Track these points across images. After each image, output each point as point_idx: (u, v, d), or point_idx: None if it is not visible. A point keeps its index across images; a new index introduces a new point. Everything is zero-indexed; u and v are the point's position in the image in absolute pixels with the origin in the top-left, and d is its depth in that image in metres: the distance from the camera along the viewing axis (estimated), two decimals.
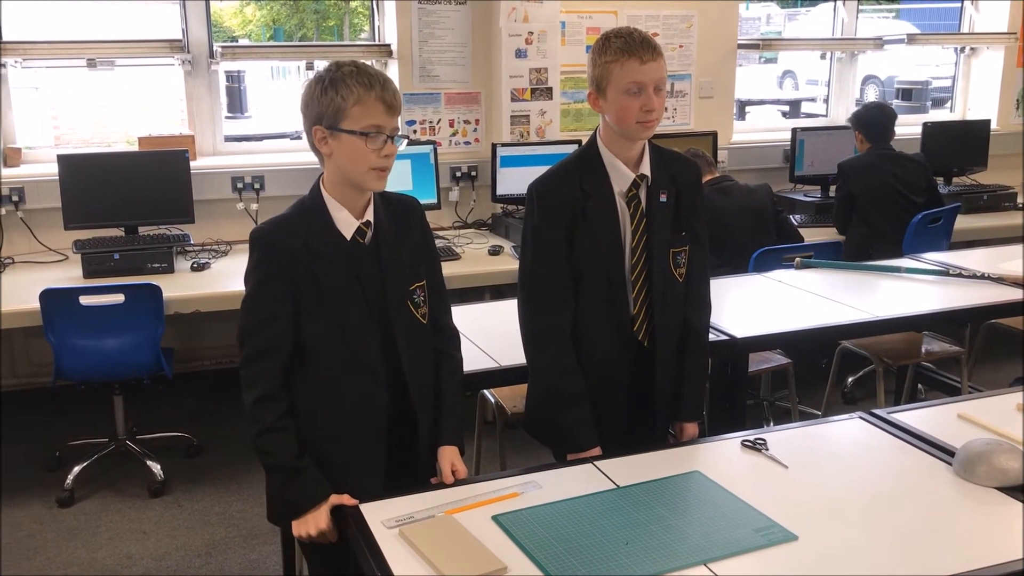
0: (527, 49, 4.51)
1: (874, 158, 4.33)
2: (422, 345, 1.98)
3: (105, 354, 3.40)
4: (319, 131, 1.83)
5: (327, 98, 1.80)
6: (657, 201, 2.15)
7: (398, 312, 1.92)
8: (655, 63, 2.03)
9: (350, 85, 1.79)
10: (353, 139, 1.80)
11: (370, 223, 1.91)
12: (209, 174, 4.28)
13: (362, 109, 1.80)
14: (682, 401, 2.24)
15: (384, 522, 1.72)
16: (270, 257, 1.86)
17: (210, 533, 3.33)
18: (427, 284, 1.99)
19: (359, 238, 1.89)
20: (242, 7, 17.64)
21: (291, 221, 1.90)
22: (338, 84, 1.80)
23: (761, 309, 3.06)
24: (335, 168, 1.87)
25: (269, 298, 1.86)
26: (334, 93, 1.80)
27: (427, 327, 2.00)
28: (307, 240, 1.86)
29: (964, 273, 3.32)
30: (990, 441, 1.92)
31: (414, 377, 1.94)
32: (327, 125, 1.82)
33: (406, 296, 1.94)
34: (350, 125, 1.80)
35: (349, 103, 1.79)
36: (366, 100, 1.80)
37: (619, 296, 2.16)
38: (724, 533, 1.68)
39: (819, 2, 14.10)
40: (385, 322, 1.91)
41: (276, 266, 1.86)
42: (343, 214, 1.89)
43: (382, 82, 1.82)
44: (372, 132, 1.81)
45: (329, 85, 1.80)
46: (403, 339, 1.92)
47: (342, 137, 1.81)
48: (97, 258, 3.70)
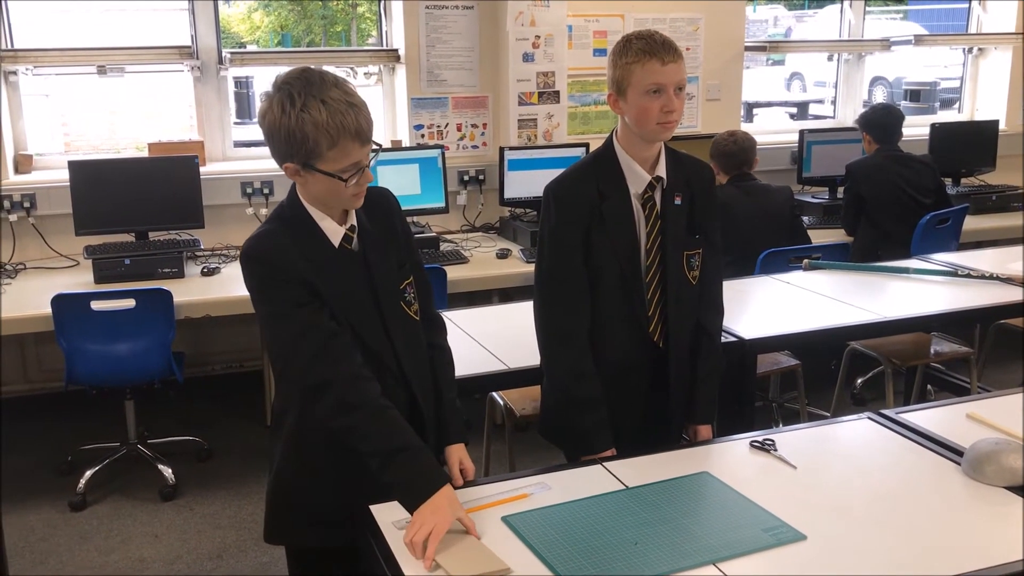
0: (534, 53, 4.52)
1: (882, 159, 4.33)
2: (418, 342, 1.96)
3: (116, 359, 3.42)
4: (291, 168, 1.74)
5: (297, 138, 1.68)
6: (672, 204, 2.16)
7: (393, 313, 1.89)
8: (676, 64, 2.03)
9: (321, 125, 1.66)
10: (330, 178, 1.72)
11: (355, 227, 1.86)
12: (219, 179, 4.31)
13: (338, 152, 1.70)
14: (696, 404, 2.25)
15: (395, 523, 1.73)
16: (271, 267, 1.79)
17: (221, 536, 3.34)
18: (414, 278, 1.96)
19: (346, 244, 1.85)
20: (250, 13, 17.71)
21: (279, 234, 1.80)
22: (306, 122, 1.66)
23: (770, 310, 3.07)
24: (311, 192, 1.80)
25: (293, 298, 1.77)
26: (303, 132, 1.67)
27: (419, 324, 1.97)
28: (300, 252, 1.79)
29: (973, 274, 3.31)
30: (999, 441, 1.91)
31: (415, 375, 1.92)
32: (300, 163, 1.72)
33: (398, 296, 1.91)
34: (326, 167, 1.71)
35: (323, 146, 1.68)
36: (341, 141, 1.69)
37: (635, 297, 2.17)
38: (733, 533, 1.68)
39: (826, 4, 14.09)
40: (384, 325, 1.88)
41: (281, 273, 1.78)
42: (327, 223, 1.82)
43: (356, 110, 1.69)
44: (350, 171, 1.73)
45: (296, 122, 1.67)
46: (400, 339, 1.90)
47: (317, 175, 1.73)
48: (108, 263, 3.73)
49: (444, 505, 1.68)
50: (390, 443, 1.74)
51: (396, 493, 1.75)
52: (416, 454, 1.75)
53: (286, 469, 1.94)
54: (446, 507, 1.68)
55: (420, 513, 1.67)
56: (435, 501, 1.68)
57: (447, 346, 2.06)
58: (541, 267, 2.19)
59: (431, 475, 1.73)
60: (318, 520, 1.92)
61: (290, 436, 1.91)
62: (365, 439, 1.75)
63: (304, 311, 1.78)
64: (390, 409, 1.78)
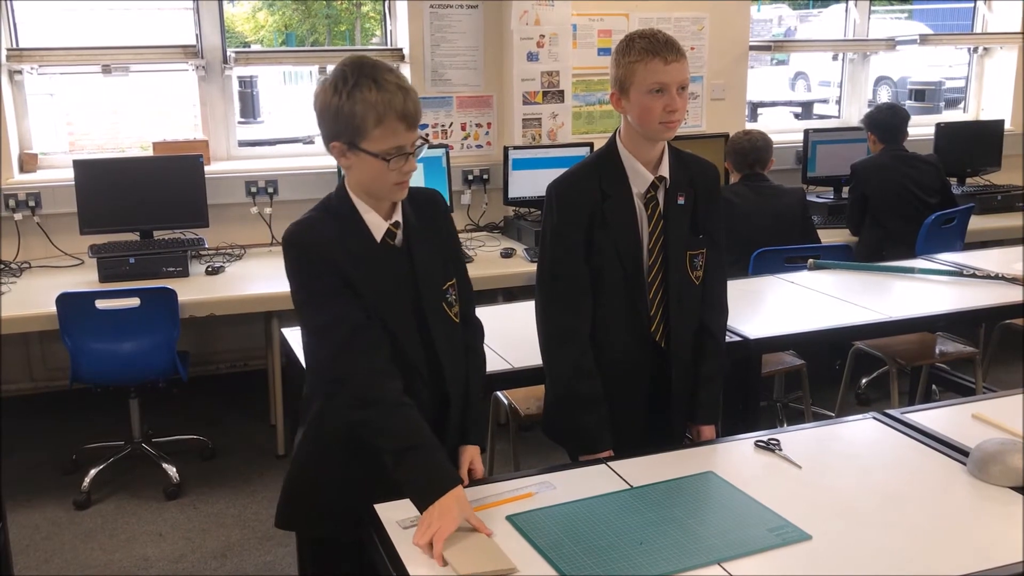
0: (539, 52, 4.52)
1: (887, 159, 4.32)
2: (456, 344, 1.95)
3: (121, 357, 3.43)
4: (337, 147, 1.77)
5: (344, 114, 1.72)
6: (675, 203, 2.16)
7: (434, 314, 1.89)
8: (679, 64, 2.04)
9: (370, 102, 1.70)
10: (374, 160, 1.75)
11: (399, 223, 1.87)
12: (223, 179, 4.31)
13: (383, 131, 1.72)
14: (699, 405, 2.25)
15: (400, 522, 1.73)
16: (310, 254, 1.80)
17: (225, 535, 3.35)
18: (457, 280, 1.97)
19: (389, 240, 1.85)
20: (254, 12, 17.73)
21: (321, 222, 1.83)
22: (356, 100, 1.70)
23: (774, 310, 3.06)
24: (355, 178, 1.83)
25: (330, 286, 1.78)
26: (352, 109, 1.71)
27: (459, 326, 1.97)
28: (341, 242, 1.81)
29: (978, 274, 3.31)
30: (1004, 441, 1.91)
31: (452, 377, 1.92)
32: (346, 142, 1.75)
33: (440, 296, 1.91)
34: (370, 147, 1.73)
35: (369, 124, 1.71)
36: (387, 121, 1.71)
37: (637, 297, 2.17)
38: (738, 533, 1.68)
39: (831, 3, 14.07)
40: (422, 323, 1.87)
41: (320, 261, 1.79)
42: (372, 216, 1.83)
43: (403, 93, 1.72)
44: (393, 155, 1.75)
45: (347, 100, 1.71)
46: (441, 340, 1.89)
47: (362, 155, 1.75)
48: (113, 262, 3.73)
49: (453, 506, 1.68)
50: (404, 440, 1.74)
51: (407, 491, 1.75)
52: (430, 453, 1.75)
53: (304, 457, 1.97)
54: (455, 508, 1.68)
55: (429, 514, 1.68)
56: (444, 502, 1.68)
57: (482, 350, 2.06)
58: (543, 266, 2.19)
59: (443, 475, 1.73)
60: (330, 511, 1.93)
61: (312, 425, 1.94)
62: (380, 434, 1.76)
63: (336, 301, 1.79)
64: (408, 406, 1.78)
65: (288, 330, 2.85)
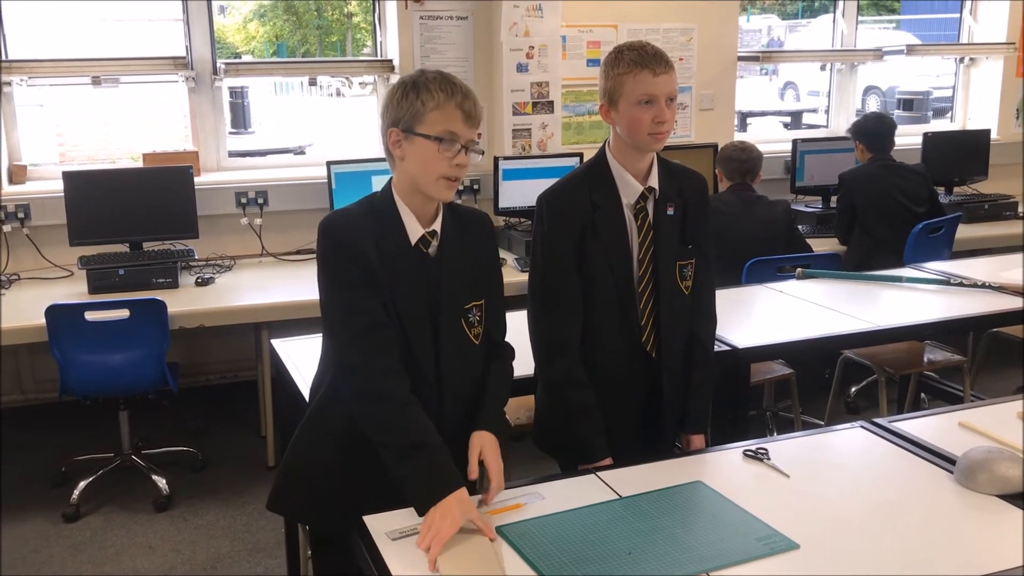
0: (528, 63, 4.54)
1: (875, 168, 4.35)
2: (470, 365, 1.95)
3: (110, 369, 3.42)
4: (394, 133, 1.82)
5: (407, 101, 1.80)
6: (664, 214, 2.17)
7: (450, 328, 1.89)
8: (667, 75, 2.05)
9: (432, 90, 1.79)
10: (427, 144, 1.79)
11: (436, 233, 1.88)
12: (213, 190, 4.31)
13: (440, 115, 1.78)
14: (689, 413, 2.25)
15: (388, 533, 1.73)
16: (346, 242, 1.82)
17: (215, 547, 3.33)
18: (487, 304, 1.96)
19: (422, 247, 1.87)
20: (245, 24, 17.75)
21: (361, 217, 1.86)
22: (420, 89, 1.79)
23: (763, 319, 3.08)
24: (405, 174, 1.85)
25: (355, 278, 1.81)
26: (415, 97, 1.79)
27: (478, 348, 1.96)
28: (375, 238, 1.83)
29: (965, 282, 3.33)
30: (991, 449, 1.92)
31: (451, 395, 1.91)
32: (403, 128, 1.81)
33: (460, 313, 1.91)
34: (425, 129, 1.79)
35: (428, 108, 1.78)
36: (446, 106, 1.78)
37: (627, 307, 2.18)
38: (726, 542, 1.69)
39: (819, 14, 14.16)
40: (435, 335, 1.88)
41: (350, 254, 1.81)
42: (411, 219, 1.86)
43: (464, 91, 1.81)
44: (447, 138, 1.79)
45: (411, 89, 1.80)
46: (449, 356, 1.89)
47: (416, 140, 1.80)
48: (102, 274, 3.72)
49: (454, 507, 1.69)
50: (409, 438, 1.76)
51: (408, 490, 1.75)
52: (434, 452, 1.76)
53: (303, 442, 2.00)
54: (455, 510, 1.68)
55: (431, 515, 1.68)
56: (446, 503, 1.69)
57: (511, 364, 2.05)
58: (534, 276, 2.20)
59: (446, 476, 1.74)
60: (322, 500, 1.94)
61: (316, 410, 1.97)
62: (384, 430, 1.78)
63: (358, 293, 1.81)
64: (415, 404, 1.80)
65: (278, 341, 2.85)
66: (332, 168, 4.20)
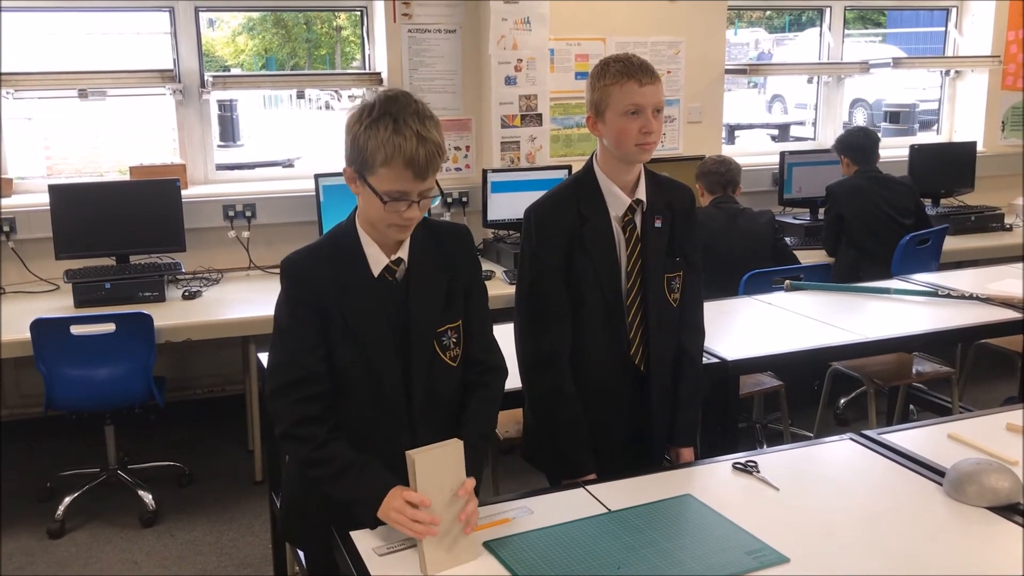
0: (517, 76, 4.55)
1: (862, 181, 4.36)
2: (445, 389, 1.92)
3: (96, 384, 3.39)
4: (348, 171, 1.78)
5: (359, 144, 1.72)
6: (652, 226, 2.17)
7: (421, 353, 1.86)
8: (653, 86, 2.06)
9: (381, 139, 1.69)
10: (374, 196, 1.74)
11: (401, 260, 1.85)
12: (200, 202, 4.29)
13: (388, 172, 1.71)
14: (677, 427, 2.25)
15: (375, 549, 1.72)
16: (299, 287, 1.81)
17: (202, 563, 3.30)
18: (468, 320, 1.93)
19: (388, 275, 1.84)
20: (234, 37, 17.75)
21: (322, 251, 1.85)
22: (371, 134, 1.70)
23: (752, 332, 3.07)
24: (361, 207, 1.83)
25: (301, 328, 1.81)
26: (366, 140, 1.71)
27: (455, 371, 1.92)
28: (336, 273, 1.81)
29: (953, 294, 3.33)
30: (980, 461, 1.92)
31: (424, 420, 1.88)
32: (356, 170, 1.76)
33: (433, 337, 1.88)
34: (375, 183, 1.73)
35: (377, 160, 1.71)
36: (394, 163, 1.70)
37: (616, 320, 2.17)
38: (716, 556, 1.68)
39: (806, 27, 14.25)
40: (406, 364, 1.86)
41: (306, 297, 1.80)
42: (373, 249, 1.83)
43: (419, 137, 1.70)
44: (395, 197, 1.73)
45: (363, 131, 1.71)
46: (420, 381, 1.87)
47: (366, 188, 1.75)
48: (88, 287, 3.70)
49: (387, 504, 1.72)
50: (333, 466, 1.80)
51: (356, 510, 1.78)
52: (359, 468, 1.79)
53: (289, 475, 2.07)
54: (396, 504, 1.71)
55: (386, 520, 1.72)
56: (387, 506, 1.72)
57: (495, 386, 1.99)
58: (522, 290, 2.20)
59: (376, 483, 1.76)
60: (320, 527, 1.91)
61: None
62: (310, 467, 1.83)
63: (299, 344, 1.82)
64: (333, 440, 1.82)
65: (265, 355, 2.83)
66: (320, 181, 4.19)
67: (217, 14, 14.87)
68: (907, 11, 13.18)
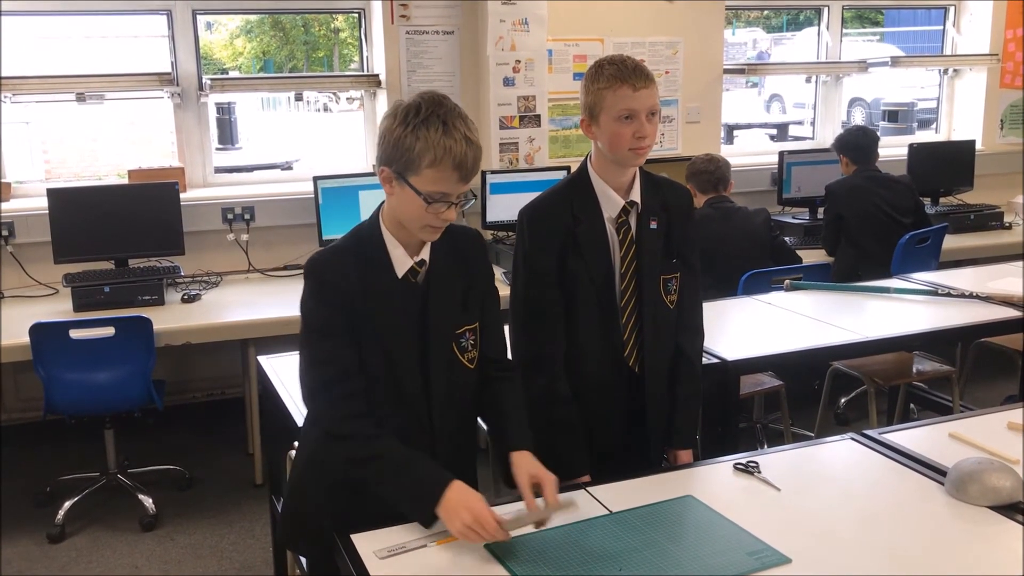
0: (515, 77, 4.54)
1: (861, 180, 4.36)
2: (462, 390, 1.93)
3: (96, 387, 3.39)
4: (386, 172, 1.77)
5: (404, 145, 1.71)
6: (647, 228, 2.16)
7: (439, 355, 1.87)
8: (647, 90, 2.04)
9: (431, 141, 1.69)
10: (416, 197, 1.74)
11: (424, 262, 1.86)
12: (199, 206, 4.29)
13: (435, 173, 1.71)
14: (675, 429, 2.24)
15: (376, 552, 1.71)
16: (325, 287, 1.81)
17: (203, 567, 3.30)
18: (484, 322, 1.94)
19: (411, 276, 1.85)
20: (232, 39, 17.74)
21: (346, 253, 1.84)
22: (420, 135, 1.70)
23: (752, 331, 3.07)
24: (394, 208, 1.83)
25: (334, 326, 1.80)
26: (413, 141, 1.70)
27: (472, 373, 1.93)
28: (361, 274, 1.81)
29: (953, 292, 3.33)
30: (981, 460, 1.92)
31: (441, 421, 1.90)
32: (395, 171, 1.75)
33: (452, 339, 1.89)
34: (417, 183, 1.73)
35: (424, 162, 1.71)
36: (442, 166, 1.71)
37: (609, 322, 2.17)
38: (717, 557, 1.67)
39: (804, 27, 14.26)
40: (424, 365, 1.87)
41: (332, 296, 1.80)
42: (398, 251, 1.83)
43: (466, 141, 1.72)
44: (438, 199, 1.74)
45: (410, 131, 1.71)
46: (439, 383, 1.88)
47: (407, 189, 1.74)
48: (87, 291, 3.69)
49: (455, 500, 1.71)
50: (383, 463, 1.77)
51: (404, 508, 1.76)
52: (412, 464, 1.76)
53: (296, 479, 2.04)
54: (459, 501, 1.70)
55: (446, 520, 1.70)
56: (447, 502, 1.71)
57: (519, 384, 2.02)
58: (516, 291, 2.19)
59: (433, 478, 1.75)
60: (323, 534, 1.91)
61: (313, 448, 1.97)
62: (359, 465, 1.80)
63: (332, 341, 1.81)
64: (380, 436, 1.80)
65: (264, 358, 2.83)
66: (319, 183, 4.18)
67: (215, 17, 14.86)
68: (905, 10, 13.19)
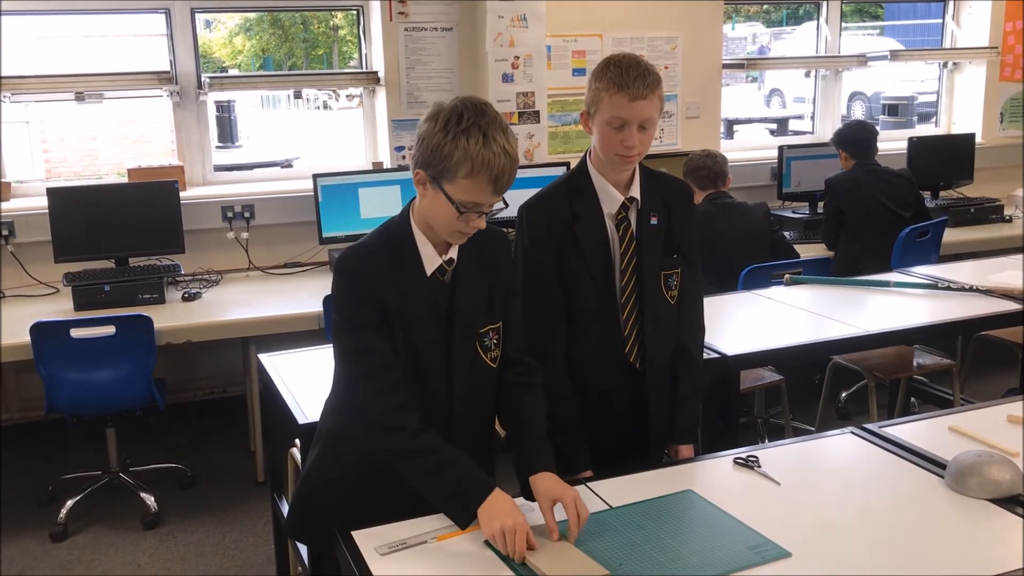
0: (514, 74, 4.54)
1: (861, 174, 4.36)
2: (483, 388, 1.94)
3: (97, 386, 3.39)
4: (420, 174, 1.77)
5: (443, 152, 1.71)
6: (647, 224, 2.15)
7: (463, 353, 1.88)
8: (645, 101, 2.01)
9: (471, 152, 1.69)
10: (448, 204, 1.74)
11: (452, 260, 1.87)
12: (199, 204, 4.29)
13: (471, 185, 1.72)
14: (676, 425, 2.24)
15: (377, 548, 1.72)
16: (358, 283, 1.81)
17: (205, 565, 3.30)
18: (507, 322, 1.95)
19: (438, 275, 1.85)
20: (231, 37, 17.73)
21: (376, 249, 1.84)
22: (459, 144, 1.70)
23: (752, 326, 3.07)
24: (424, 209, 1.83)
25: (368, 319, 1.80)
26: (452, 149, 1.70)
27: (494, 372, 1.94)
28: (391, 270, 1.81)
29: (953, 286, 3.33)
30: (981, 453, 1.92)
31: (463, 420, 1.91)
32: (431, 175, 1.75)
33: (475, 338, 1.90)
34: (452, 191, 1.73)
35: (460, 172, 1.71)
36: (479, 178, 1.71)
37: (610, 318, 2.16)
38: (718, 551, 1.68)
39: (804, 21, 14.25)
40: (449, 362, 1.87)
41: (366, 292, 1.81)
42: (428, 249, 1.84)
43: (505, 159, 1.72)
44: (469, 208, 1.75)
45: (451, 140, 1.70)
46: (463, 380, 1.89)
47: (440, 194, 1.75)
48: (88, 290, 3.70)
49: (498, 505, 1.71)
50: (428, 459, 1.78)
51: (443, 507, 1.77)
52: (458, 465, 1.77)
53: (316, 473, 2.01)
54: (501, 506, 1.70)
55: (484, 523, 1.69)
56: (489, 506, 1.71)
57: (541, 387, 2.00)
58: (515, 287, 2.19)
59: (477, 482, 1.75)
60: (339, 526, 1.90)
61: (327, 442, 1.97)
62: (402, 459, 1.79)
63: (369, 334, 1.80)
64: (426, 431, 1.80)
65: (265, 356, 2.83)
66: (319, 181, 4.18)
67: (214, 15, 14.85)
68: (904, 3, 13.17)
